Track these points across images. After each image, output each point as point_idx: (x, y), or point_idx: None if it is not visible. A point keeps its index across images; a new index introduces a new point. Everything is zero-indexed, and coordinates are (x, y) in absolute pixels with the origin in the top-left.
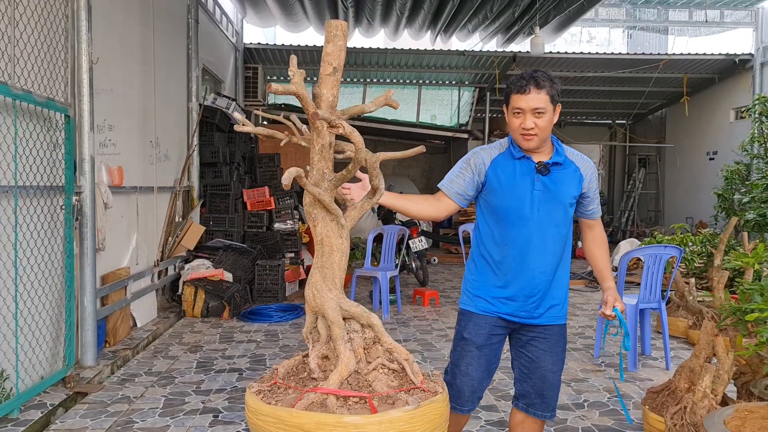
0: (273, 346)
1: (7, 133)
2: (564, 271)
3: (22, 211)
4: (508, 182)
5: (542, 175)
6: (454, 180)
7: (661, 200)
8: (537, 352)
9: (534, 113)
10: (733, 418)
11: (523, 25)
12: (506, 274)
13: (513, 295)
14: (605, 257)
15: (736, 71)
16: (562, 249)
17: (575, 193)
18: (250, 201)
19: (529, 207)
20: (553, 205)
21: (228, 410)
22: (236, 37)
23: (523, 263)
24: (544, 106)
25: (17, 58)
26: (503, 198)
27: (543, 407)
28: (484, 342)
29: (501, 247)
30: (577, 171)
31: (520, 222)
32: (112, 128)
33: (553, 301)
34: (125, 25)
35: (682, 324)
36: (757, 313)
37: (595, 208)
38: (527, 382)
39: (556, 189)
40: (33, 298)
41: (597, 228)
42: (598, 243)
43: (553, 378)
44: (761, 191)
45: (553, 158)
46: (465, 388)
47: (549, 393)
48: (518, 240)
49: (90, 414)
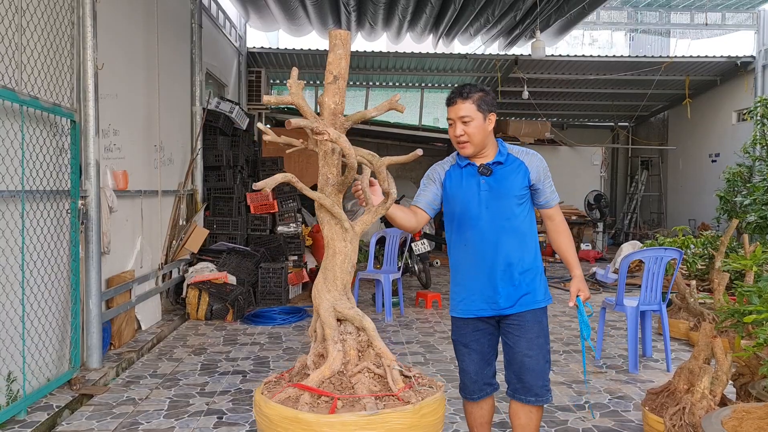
0: (276, 349)
1: (15, 138)
2: (528, 261)
3: (29, 215)
4: (458, 188)
5: (485, 176)
6: (422, 193)
7: (663, 202)
8: (513, 338)
9: (461, 121)
10: (731, 418)
11: (525, 28)
12: (468, 271)
13: (476, 290)
14: (569, 245)
15: (737, 73)
16: (519, 240)
17: (522, 185)
18: (253, 204)
19: (477, 206)
20: (501, 201)
21: (232, 411)
22: (239, 42)
23: (480, 259)
24: (470, 114)
25: (24, 65)
26: (456, 203)
27: (524, 392)
28: (469, 340)
29: (461, 248)
30: (521, 165)
31: (472, 222)
32: (117, 133)
33: (520, 290)
34: (130, 31)
35: (683, 326)
36: (755, 314)
37: (548, 197)
38: (509, 369)
39: (500, 186)
40: (39, 301)
41: (557, 217)
42: (560, 231)
43: (530, 362)
44: (762, 193)
45: (495, 158)
46: (467, 381)
47: (528, 377)
48: (473, 239)
49: (96, 416)
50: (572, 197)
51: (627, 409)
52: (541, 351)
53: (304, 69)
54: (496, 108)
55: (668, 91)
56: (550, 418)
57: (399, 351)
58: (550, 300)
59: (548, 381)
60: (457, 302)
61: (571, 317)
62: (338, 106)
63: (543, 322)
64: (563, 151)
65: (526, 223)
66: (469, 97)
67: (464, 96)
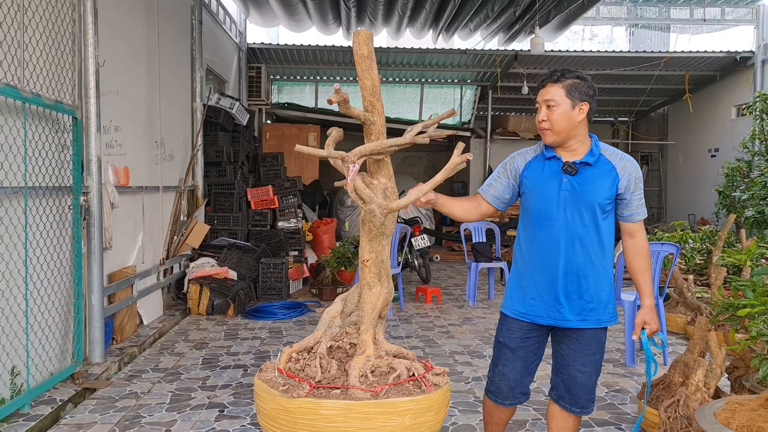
0: (277, 343)
1: (17, 135)
2: (600, 275)
3: (31, 211)
4: (537, 183)
5: (570, 175)
6: (492, 184)
7: (663, 197)
8: (567, 351)
9: (546, 105)
10: (724, 410)
11: (525, 23)
12: (532, 273)
13: (537, 295)
14: (646, 268)
15: (737, 68)
16: (594, 252)
17: (608, 194)
18: (254, 200)
19: (556, 207)
20: (582, 206)
21: (233, 405)
22: (239, 37)
23: (547, 264)
24: (556, 98)
25: (26, 63)
26: (532, 199)
27: (571, 402)
28: (518, 345)
29: (528, 247)
30: (612, 170)
31: (546, 222)
32: (118, 129)
33: (585, 304)
34: (130, 28)
35: (680, 320)
36: (748, 308)
37: (634, 211)
38: (558, 376)
39: (583, 189)
40: (42, 296)
41: (638, 235)
42: (638, 251)
43: (582, 378)
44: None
45: (585, 157)
46: (503, 386)
47: (577, 391)
48: (545, 241)
49: (98, 409)
50: None
51: (623, 402)
52: (595, 367)
53: (305, 65)
54: (592, 99)
55: (668, 87)
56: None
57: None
58: (616, 320)
59: (594, 393)
60: (514, 301)
61: None
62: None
63: (602, 339)
64: None
65: (605, 233)
66: (559, 81)
67: (555, 79)
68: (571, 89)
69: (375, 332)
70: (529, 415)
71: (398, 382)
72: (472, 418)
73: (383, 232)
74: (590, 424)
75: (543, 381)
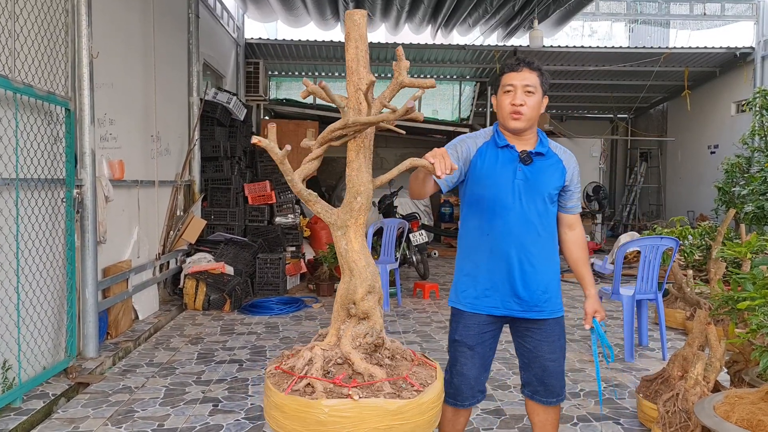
0: (273, 338)
1: (8, 126)
2: (551, 264)
3: (23, 204)
4: (491, 170)
5: (524, 165)
6: None
7: (662, 194)
8: (534, 343)
9: (525, 90)
10: (723, 404)
11: (524, 19)
12: (487, 263)
13: (492, 286)
14: (586, 260)
15: (737, 65)
16: (547, 241)
17: (557, 184)
18: (251, 195)
19: (511, 196)
20: (534, 196)
21: (228, 399)
22: (237, 32)
23: (504, 253)
24: (535, 85)
25: (18, 52)
26: (485, 187)
27: (547, 394)
28: (476, 342)
29: (482, 237)
30: (560, 163)
31: (501, 211)
32: (113, 122)
33: (541, 294)
34: (126, 20)
35: (679, 315)
36: (748, 301)
37: (576, 203)
38: (529, 371)
39: (537, 179)
40: (35, 289)
41: (577, 227)
42: (578, 243)
43: (553, 366)
44: (759, 184)
45: (536, 148)
46: (463, 387)
47: (550, 381)
48: (499, 229)
49: (91, 404)
50: None
51: (622, 397)
52: (562, 352)
53: (303, 60)
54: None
55: (667, 83)
56: None
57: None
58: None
59: (565, 379)
60: (466, 294)
61: (569, 308)
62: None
63: (562, 325)
64: (562, 142)
65: (552, 224)
66: (536, 69)
67: (532, 66)
68: (543, 80)
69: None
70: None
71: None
72: None
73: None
74: (589, 419)
75: None
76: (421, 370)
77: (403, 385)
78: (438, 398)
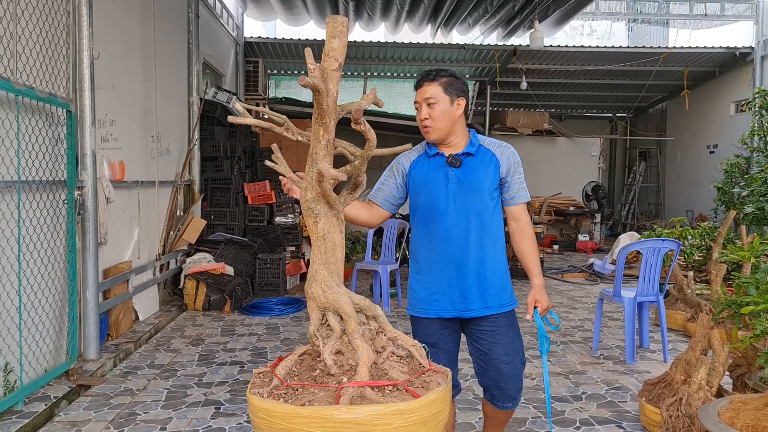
0: (274, 339)
1: (10, 128)
2: (497, 260)
3: (25, 206)
4: (424, 179)
5: (454, 167)
6: (380, 188)
7: (661, 193)
8: (488, 345)
9: (426, 103)
10: (727, 409)
11: (524, 18)
12: (432, 268)
13: (440, 289)
14: (533, 250)
15: (736, 64)
16: (489, 238)
17: (492, 179)
18: (251, 195)
19: (445, 200)
20: (470, 195)
21: (230, 402)
22: (237, 31)
23: (446, 257)
24: (435, 96)
25: (19, 54)
26: (422, 196)
27: (503, 398)
28: (437, 339)
29: (426, 244)
30: (493, 158)
31: (438, 216)
32: (113, 123)
33: (488, 291)
34: (126, 20)
35: (680, 317)
36: (752, 306)
37: (515, 194)
38: (486, 376)
39: (470, 179)
40: (36, 291)
41: (523, 218)
42: (524, 234)
43: (507, 369)
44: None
45: (465, 149)
46: None
47: (506, 384)
48: (439, 234)
49: (93, 406)
50: (570, 188)
51: (624, 400)
52: (518, 354)
53: (303, 59)
54: (466, 94)
55: (667, 82)
56: (547, 408)
57: None
58: (516, 303)
59: (522, 383)
60: (418, 300)
61: (570, 309)
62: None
63: (515, 324)
64: (561, 142)
65: (495, 220)
66: (435, 80)
67: (431, 78)
68: (448, 86)
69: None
70: (528, 413)
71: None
72: (471, 416)
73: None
74: (591, 423)
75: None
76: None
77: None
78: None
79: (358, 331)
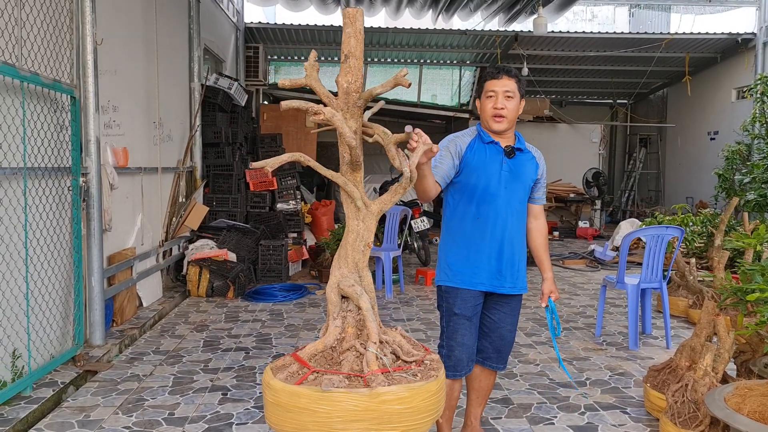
0: (278, 326)
1: (16, 115)
2: (523, 246)
3: (31, 193)
4: (481, 163)
5: (509, 158)
6: (438, 166)
7: (661, 180)
8: (499, 315)
9: (505, 95)
10: (734, 395)
11: (525, 4)
12: (477, 244)
13: (481, 265)
14: (546, 246)
15: (738, 50)
16: (522, 226)
17: (533, 176)
18: (252, 181)
19: (497, 184)
20: (517, 185)
21: (236, 388)
22: (237, 17)
23: (491, 236)
24: (513, 90)
25: (24, 40)
26: (478, 176)
27: (498, 360)
28: (472, 313)
29: (473, 221)
30: (533, 159)
31: (490, 198)
32: (116, 109)
33: (516, 272)
34: (128, 6)
35: (682, 303)
36: (758, 293)
37: (542, 196)
38: (486, 339)
39: (519, 170)
40: (43, 278)
41: (541, 218)
42: (541, 231)
43: (509, 336)
44: (762, 172)
45: (516, 144)
46: (464, 357)
47: (505, 348)
48: (489, 214)
49: (101, 392)
50: (570, 175)
51: (627, 386)
52: (516, 325)
53: (303, 45)
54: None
55: (668, 69)
56: (552, 394)
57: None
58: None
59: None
60: (463, 273)
61: (572, 296)
62: (351, 84)
63: (521, 303)
64: (562, 128)
65: (525, 212)
66: (514, 76)
67: (512, 74)
68: (521, 85)
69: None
70: (534, 399)
71: None
72: None
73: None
74: (595, 408)
75: (546, 364)
76: None
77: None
78: None
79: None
